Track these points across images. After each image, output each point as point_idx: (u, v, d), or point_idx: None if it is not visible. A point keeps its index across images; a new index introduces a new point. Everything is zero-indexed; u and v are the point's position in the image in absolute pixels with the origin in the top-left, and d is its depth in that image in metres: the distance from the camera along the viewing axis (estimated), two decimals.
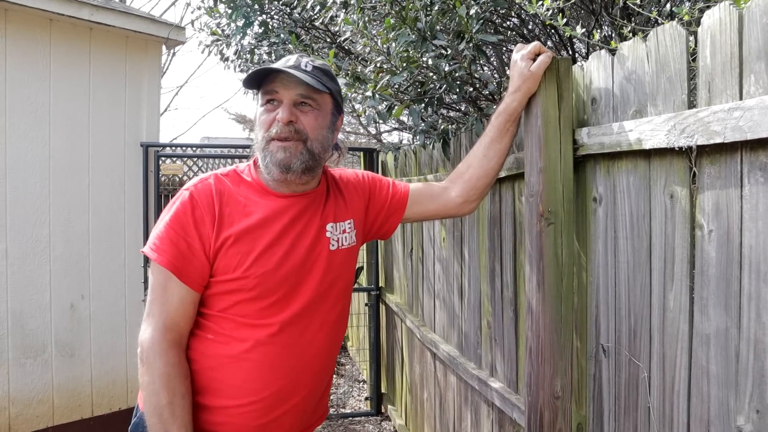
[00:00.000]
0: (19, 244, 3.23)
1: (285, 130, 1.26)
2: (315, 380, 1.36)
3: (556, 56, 1.38)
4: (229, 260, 1.24)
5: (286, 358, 1.28)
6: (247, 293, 1.25)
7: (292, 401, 1.31)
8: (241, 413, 1.27)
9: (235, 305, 1.26)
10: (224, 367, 1.26)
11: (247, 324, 1.26)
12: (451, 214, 1.57)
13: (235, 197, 1.29)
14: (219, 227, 1.24)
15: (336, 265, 1.36)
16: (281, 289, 1.27)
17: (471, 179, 1.51)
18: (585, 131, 1.35)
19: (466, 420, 2.38)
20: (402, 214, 1.54)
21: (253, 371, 1.26)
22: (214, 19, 2.86)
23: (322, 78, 1.30)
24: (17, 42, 3.21)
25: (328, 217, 1.37)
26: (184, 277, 1.23)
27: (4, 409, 3.17)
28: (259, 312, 1.27)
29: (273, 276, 1.26)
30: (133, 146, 3.69)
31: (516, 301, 1.86)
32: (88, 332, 3.51)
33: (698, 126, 0.99)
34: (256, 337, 1.26)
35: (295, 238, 1.30)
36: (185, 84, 14.00)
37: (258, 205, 1.29)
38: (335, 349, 1.42)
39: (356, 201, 1.47)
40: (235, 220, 1.26)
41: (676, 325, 1.11)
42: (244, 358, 1.26)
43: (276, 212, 1.29)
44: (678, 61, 1.09)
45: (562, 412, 1.40)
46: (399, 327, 3.61)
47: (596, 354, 1.39)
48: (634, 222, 1.24)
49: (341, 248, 1.38)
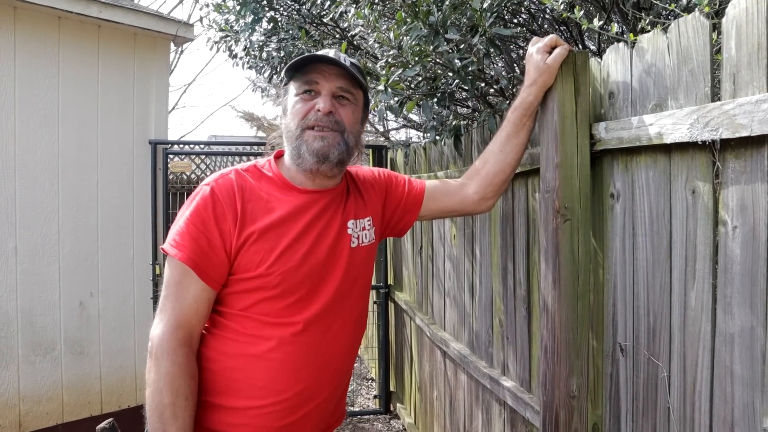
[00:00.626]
0: (28, 242, 3.23)
1: (325, 119, 1.23)
2: (337, 380, 1.33)
3: (573, 49, 1.35)
4: (251, 257, 1.21)
5: (311, 357, 1.25)
6: (270, 291, 1.22)
7: (315, 402, 1.29)
8: (262, 414, 1.23)
9: (257, 303, 1.23)
10: (247, 367, 1.23)
11: (270, 323, 1.23)
12: (468, 211, 1.54)
13: (257, 193, 1.26)
14: (241, 224, 1.21)
15: (357, 263, 1.34)
16: (304, 286, 1.24)
17: (488, 175, 1.47)
18: (602, 126, 1.32)
19: (477, 419, 2.36)
20: (418, 211, 1.51)
21: (277, 371, 1.23)
22: (223, 15, 2.85)
23: (359, 74, 1.29)
24: (26, 40, 3.21)
25: (350, 214, 1.34)
26: (202, 274, 1.19)
27: (14, 406, 3.17)
28: (282, 310, 1.23)
29: (296, 273, 1.23)
30: (142, 144, 3.69)
31: (529, 299, 1.83)
32: (97, 330, 3.52)
33: (723, 119, 0.96)
34: (280, 336, 1.23)
35: (318, 234, 1.27)
36: (193, 82, 14.05)
37: (281, 201, 1.26)
38: (356, 349, 1.40)
39: (374, 198, 1.45)
40: (257, 217, 1.22)
41: (697, 324, 1.08)
42: (268, 357, 1.22)
43: (299, 208, 1.26)
44: (701, 53, 1.06)
45: (578, 412, 1.38)
46: (408, 325, 3.59)
47: (613, 353, 1.36)
48: (654, 218, 1.21)
49: (362, 245, 1.35)
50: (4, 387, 3.14)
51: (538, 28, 2.65)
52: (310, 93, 1.26)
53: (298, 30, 2.46)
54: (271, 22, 2.76)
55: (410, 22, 1.72)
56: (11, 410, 3.16)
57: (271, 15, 2.77)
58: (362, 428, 3.82)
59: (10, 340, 3.17)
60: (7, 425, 3.14)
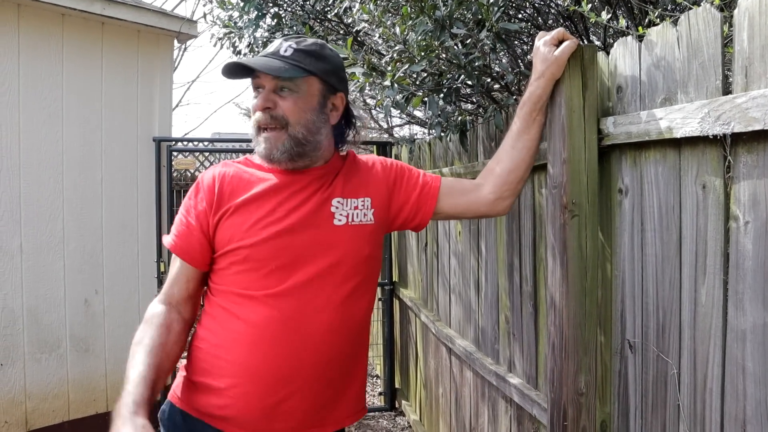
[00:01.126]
0: (33, 240, 3.23)
1: (262, 117, 1.29)
2: (324, 362, 1.29)
3: (581, 43, 1.34)
4: (224, 233, 1.29)
5: (286, 333, 1.26)
6: (240, 264, 1.28)
7: (296, 383, 1.27)
8: (242, 393, 1.25)
9: (234, 278, 1.29)
10: (226, 343, 1.28)
11: (246, 296, 1.27)
12: (483, 212, 1.47)
13: (239, 176, 1.33)
14: (218, 203, 1.30)
15: (345, 240, 1.32)
16: (275, 260, 1.27)
17: (502, 174, 1.42)
18: (611, 120, 1.31)
19: (483, 416, 2.35)
20: (434, 206, 1.45)
21: (251, 346, 1.25)
22: (227, 11, 2.84)
23: (303, 61, 1.28)
24: (30, 37, 3.20)
25: (335, 193, 1.34)
26: (184, 255, 1.32)
27: (20, 404, 3.18)
28: (255, 283, 1.27)
29: (263, 246, 1.26)
30: (146, 141, 3.68)
31: (536, 295, 1.82)
32: (102, 327, 3.52)
33: (735, 112, 0.95)
34: (254, 310, 1.26)
35: (291, 211, 1.29)
36: (196, 79, 14.02)
37: (260, 180, 1.32)
38: (352, 332, 1.34)
39: (378, 182, 1.42)
40: (234, 196, 1.30)
41: (708, 321, 1.07)
42: (243, 332, 1.26)
43: (276, 186, 1.31)
44: (712, 46, 1.05)
45: (586, 409, 1.37)
46: (413, 322, 3.59)
47: (622, 350, 1.35)
48: (663, 214, 1.20)
49: (351, 224, 1.34)
50: (10, 384, 3.14)
51: (543, 23, 2.63)
52: (259, 90, 1.31)
53: (303, 26, 2.45)
54: (274, 18, 2.75)
55: (416, 17, 1.70)
56: (18, 407, 3.17)
57: (275, 11, 2.76)
58: (367, 425, 3.82)
59: (16, 337, 3.17)
60: (14, 422, 3.15)
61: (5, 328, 3.13)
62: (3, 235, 3.13)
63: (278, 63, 1.26)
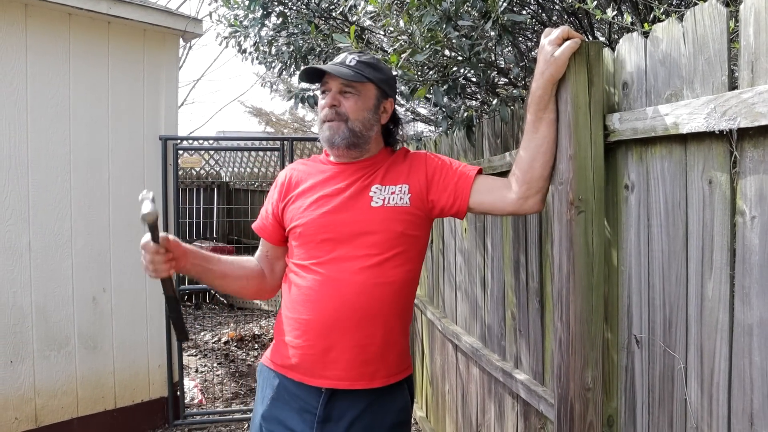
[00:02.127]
0: (41, 238, 3.26)
1: (329, 112, 1.54)
2: (358, 318, 1.50)
3: (585, 40, 1.34)
4: (288, 215, 1.61)
5: (327, 292, 1.51)
6: (297, 239, 1.58)
7: (337, 332, 1.49)
8: (299, 344, 1.53)
9: (294, 250, 1.60)
10: (290, 304, 1.57)
11: (300, 266, 1.56)
12: (510, 211, 1.51)
13: (305, 170, 1.65)
14: (286, 192, 1.63)
15: (379, 220, 1.53)
16: (320, 234, 1.54)
17: (522, 176, 1.44)
18: (616, 116, 1.31)
19: (490, 412, 2.36)
20: (469, 193, 1.52)
21: (302, 304, 1.53)
22: (232, 10, 2.85)
23: (364, 70, 1.53)
24: (37, 37, 3.22)
25: (375, 180, 1.57)
26: (260, 231, 1.70)
27: (30, 400, 3.21)
28: (307, 254, 1.55)
29: (312, 224, 1.55)
30: (152, 140, 3.70)
31: (542, 291, 1.83)
32: (110, 325, 3.55)
33: (741, 108, 0.95)
34: (307, 276, 1.54)
35: (334, 194, 1.56)
36: (201, 78, 14.05)
37: (319, 172, 1.62)
38: (385, 296, 1.52)
39: (417, 172, 1.59)
40: (299, 185, 1.62)
41: (715, 315, 1.08)
42: (298, 293, 1.55)
43: (329, 177, 1.59)
44: (718, 41, 1.05)
45: (593, 404, 1.38)
46: (419, 319, 3.59)
47: (628, 345, 1.36)
48: (669, 209, 1.20)
49: (387, 206, 1.54)
50: (20, 381, 3.17)
51: (548, 19, 2.63)
52: (326, 93, 1.57)
53: (308, 24, 2.45)
54: (279, 17, 2.76)
55: (422, 8, 1.71)
56: (27, 404, 3.20)
57: (280, 10, 2.76)
58: None
59: (25, 335, 3.20)
60: (24, 419, 3.18)
61: (14, 326, 3.16)
62: (11, 234, 3.15)
63: (345, 70, 1.52)
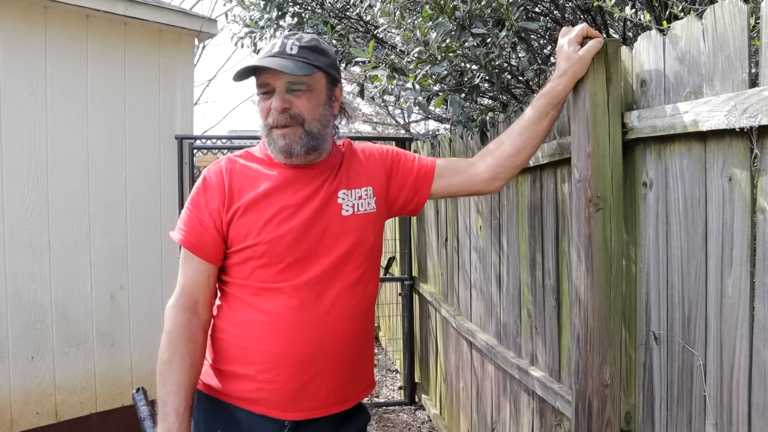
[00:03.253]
0: (60, 236, 3.31)
1: (281, 118, 1.32)
2: (342, 345, 1.37)
3: (605, 39, 1.35)
4: (239, 230, 1.34)
5: (306, 320, 1.33)
6: (259, 260, 1.33)
7: (319, 365, 1.34)
8: (271, 378, 1.33)
9: (253, 272, 1.34)
10: (250, 333, 1.34)
11: (266, 289, 1.33)
12: (477, 190, 1.53)
13: (245, 172, 1.38)
14: (229, 201, 1.35)
15: (352, 230, 1.39)
16: (291, 254, 1.33)
17: (500, 157, 1.47)
18: (635, 114, 1.32)
19: (505, 409, 2.36)
20: (429, 188, 1.51)
21: (275, 335, 1.32)
22: (248, 11, 2.87)
23: (309, 57, 1.32)
24: (56, 38, 3.27)
25: (341, 185, 1.40)
26: (198, 251, 1.35)
27: (50, 396, 3.26)
28: (274, 277, 1.33)
29: (280, 242, 1.32)
30: (168, 139, 3.74)
31: (559, 289, 1.83)
32: (127, 322, 3.59)
33: (763, 105, 0.96)
34: (275, 302, 1.33)
35: (302, 205, 1.36)
36: (214, 77, 14.14)
37: (267, 177, 1.37)
38: (364, 314, 1.43)
39: (377, 170, 1.48)
40: (244, 193, 1.35)
41: (735, 312, 1.08)
42: (266, 322, 1.33)
43: (284, 182, 1.36)
44: (738, 39, 1.05)
45: (611, 401, 1.38)
46: (433, 316, 3.61)
47: (647, 342, 1.36)
48: (688, 206, 1.20)
49: (357, 213, 1.40)
50: (41, 377, 3.23)
51: (561, 16, 2.62)
52: (267, 93, 1.33)
53: (324, 24, 2.47)
54: (294, 17, 2.78)
55: (436, 18, 1.72)
56: (48, 399, 3.26)
57: (295, 10, 2.78)
58: (387, 419, 3.86)
59: (46, 331, 3.25)
60: (44, 413, 3.23)
61: (35, 322, 3.22)
62: (32, 232, 3.21)
63: (290, 62, 1.28)
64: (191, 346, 1.31)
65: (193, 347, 1.32)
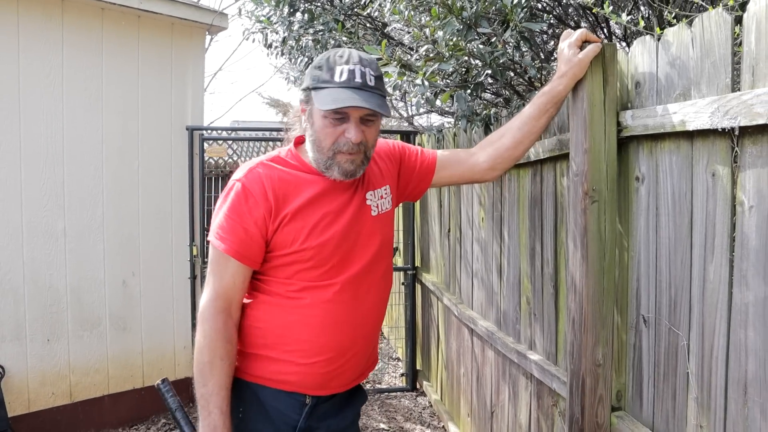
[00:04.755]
0: (75, 224, 3.42)
1: (355, 147, 1.36)
2: (369, 332, 1.51)
3: (603, 42, 1.45)
4: (285, 236, 1.39)
5: (347, 314, 1.43)
6: (305, 263, 1.40)
7: (353, 351, 1.46)
8: (311, 363, 1.41)
9: (297, 273, 1.41)
10: (293, 326, 1.41)
11: (309, 287, 1.41)
12: (476, 179, 1.67)
13: (285, 179, 1.42)
14: (276, 209, 1.38)
15: (378, 228, 1.50)
16: (335, 256, 1.41)
17: (500, 148, 1.59)
18: (629, 114, 1.42)
19: (504, 393, 2.48)
20: (431, 179, 1.65)
21: (319, 328, 1.41)
22: (262, 8, 2.96)
23: (382, 88, 1.38)
24: (72, 31, 3.36)
25: (368, 187, 1.50)
26: (242, 258, 1.38)
27: (65, 377, 3.38)
28: (318, 277, 1.41)
29: (325, 246, 1.40)
30: (179, 130, 3.84)
31: (556, 277, 1.94)
32: (138, 307, 3.71)
33: (741, 108, 1.06)
34: (320, 298, 1.41)
35: (342, 210, 1.43)
36: (220, 69, 14.22)
37: (308, 184, 1.43)
38: (385, 303, 1.57)
39: (390, 169, 1.58)
40: (289, 201, 1.39)
41: (716, 296, 1.19)
42: (310, 315, 1.40)
43: (324, 189, 1.43)
44: (723, 47, 1.15)
45: (603, 379, 1.49)
46: (435, 305, 3.72)
47: (636, 324, 1.47)
48: (676, 199, 1.31)
49: (381, 213, 1.51)
50: (57, 359, 3.35)
51: (563, 13, 2.72)
52: (340, 119, 1.35)
53: (335, 22, 2.57)
54: (305, 13, 2.87)
55: (444, 18, 1.82)
56: (63, 380, 3.38)
57: (306, 6, 2.88)
58: (390, 404, 3.98)
59: (61, 315, 3.37)
60: (60, 394, 3.35)
61: (51, 306, 3.33)
62: (48, 219, 3.31)
63: (377, 99, 1.33)
64: (229, 347, 1.37)
65: (231, 348, 1.38)
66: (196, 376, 1.36)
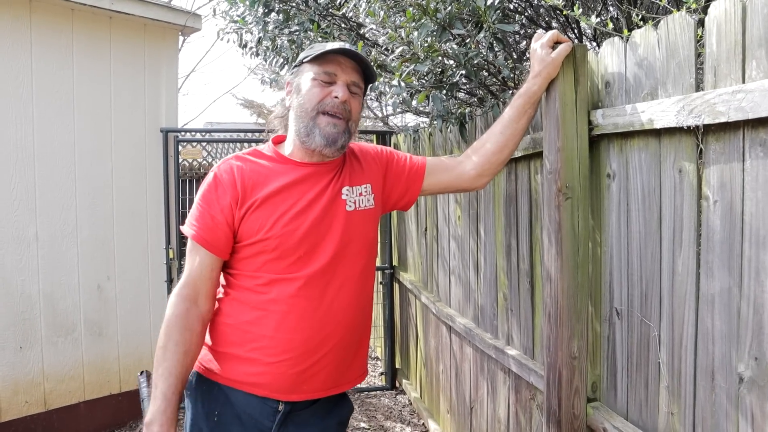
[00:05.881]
0: (48, 228, 3.36)
1: (341, 107, 1.40)
2: (344, 332, 1.46)
3: (574, 43, 1.49)
4: (251, 225, 1.40)
5: (313, 309, 1.41)
6: (270, 253, 1.40)
7: (323, 351, 1.43)
8: (276, 362, 1.40)
9: (264, 265, 1.41)
10: (257, 320, 1.40)
11: (275, 280, 1.41)
12: (464, 187, 1.66)
13: (256, 170, 1.44)
14: (242, 197, 1.40)
15: (354, 225, 1.48)
16: (301, 247, 1.41)
17: (486, 154, 1.60)
18: (600, 113, 1.46)
19: (482, 388, 2.52)
20: (420, 185, 1.63)
21: (282, 322, 1.39)
22: (235, 8, 2.95)
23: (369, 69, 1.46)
24: (41, 32, 3.31)
25: (344, 182, 1.49)
26: (209, 246, 1.40)
27: (39, 385, 3.32)
28: (284, 269, 1.41)
29: (291, 236, 1.40)
30: (153, 132, 3.80)
31: (532, 273, 1.98)
32: (114, 312, 3.66)
33: (705, 107, 1.10)
34: (284, 291, 1.40)
35: (312, 201, 1.43)
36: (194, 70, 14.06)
37: (279, 174, 1.44)
38: (364, 304, 1.52)
39: (374, 168, 1.58)
40: (257, 189, 1.41)
41: (684, 287, 1.24)
42: (274, 310, 1.40)
43: (295, 180, 1.43)
44: (687, 48, 1.20)
45: (578, 371, 1.54)
46: (413, 304, 3.75)
47: (610, 317, 1.51)
48: (646, 195, 1.35)
49: (358, 209, 1.49)
50: (29, 366, 3.29)
51: (535, 14, 2.77)
52: (328, 82, 1.42)
53: (310, 22, 2.58)
54: (280, 13, 2.87)
55: (419, 19, 1.85)
56: (36, 388, 3.32)
57: (281, 7, 2.88)
58: (370, 403, 4.00)
59: (34, 321, 3.31)
60: (33, 402, 3.30)
61: (23, 313, 3.27)
62: (19, 224, 3.25)
63: (365, 60, 1.40)
64: (186, 335, 1.36)
65: (188, 336, 1.37)
66: (153, 362, 1.38)
